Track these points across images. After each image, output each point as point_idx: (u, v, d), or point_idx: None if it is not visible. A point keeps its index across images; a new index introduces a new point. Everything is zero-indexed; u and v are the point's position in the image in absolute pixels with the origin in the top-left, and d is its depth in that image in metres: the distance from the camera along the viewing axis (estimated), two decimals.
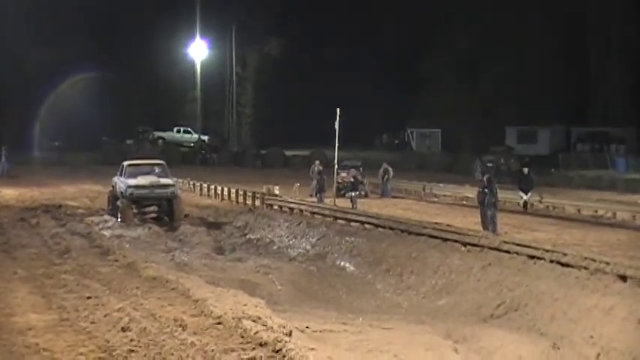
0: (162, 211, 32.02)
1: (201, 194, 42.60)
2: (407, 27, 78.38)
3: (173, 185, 32.05)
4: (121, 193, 31.18)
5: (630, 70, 69.68)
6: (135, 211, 31.50)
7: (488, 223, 25.88)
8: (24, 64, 73.02)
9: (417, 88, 78.50)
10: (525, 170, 35.28)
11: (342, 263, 24.04)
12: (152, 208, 32.17)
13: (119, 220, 30.71)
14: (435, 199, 41.07)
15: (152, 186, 31.29)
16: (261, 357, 11.15)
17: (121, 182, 31.48)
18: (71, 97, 75.75)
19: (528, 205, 34.03)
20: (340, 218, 28.62)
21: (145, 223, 30.51)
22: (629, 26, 68.83)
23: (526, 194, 34.00)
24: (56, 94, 76.66)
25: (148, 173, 32.25)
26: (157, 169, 32.84)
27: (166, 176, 32.35)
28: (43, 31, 72.43)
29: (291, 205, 32.80)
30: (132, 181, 31.08)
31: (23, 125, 72.97)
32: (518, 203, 34.44)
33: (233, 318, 12.93)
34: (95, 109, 72.56)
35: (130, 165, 32.69)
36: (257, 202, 35.60)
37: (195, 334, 12.46)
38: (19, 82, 72.99)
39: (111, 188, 33.29)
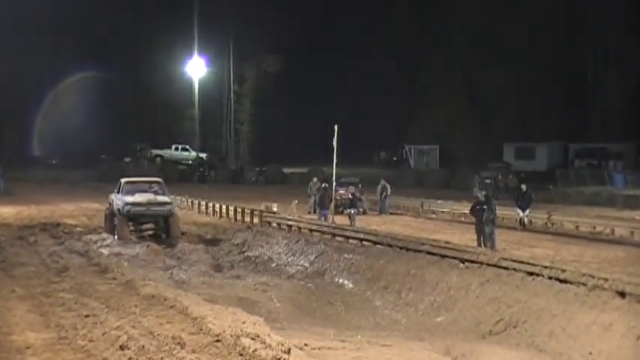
0: (159, 229, 32.03)
1: (199, 212, 42.60)
2: (404, 39, 78.79)
3: (170, 203, 32.08)
4: (119, 210, 31.21)
5: (628, 84, 69.80)
6: (132, 228, 31.52)
7: (486, 239, 25.92)
8: (20, 77, 73.20)
9: (414, 101, 78.75)
10: (523, 187, 35.30)
11: (341, 280, 24.01)
12: (149, 226, 32.18)
13: (116, 237, 30.73)
14: (433, 216, 41.07)
15: (149, 203, 31.31)
16: None
17: (118, 199, 31.53)
18: (68, 114, 75.93)
19: (526, 222, 34.04)
20: (338, 235, 28.59)
21: (143, 241, 30.50)
22: (627, 39, 68.92)
23: (523, 211, 34.02)
24: (53, 109, 76.88)
25: (145, 191, 32.34)
26: (154, 187, 32.96)
27: (164, 194, 32.42)
28: (41, 45, 72.79)
29: (290, 223, 32.79)
30: (129, 199, 31.13)
31: (20, 142, 73.11)
32: (516, 219, 34.46)
33: (232, 335, 12.91)
34: (93, 127, 72.74)
35: (127, 182, 32.81)
36: (255, 220, 35.61)
37: (193, 352, 12.44)
38: (14, 96, 73.14)
39: (108, 205, 33.30)
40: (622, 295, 16.10)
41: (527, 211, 34.08)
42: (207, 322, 14.03)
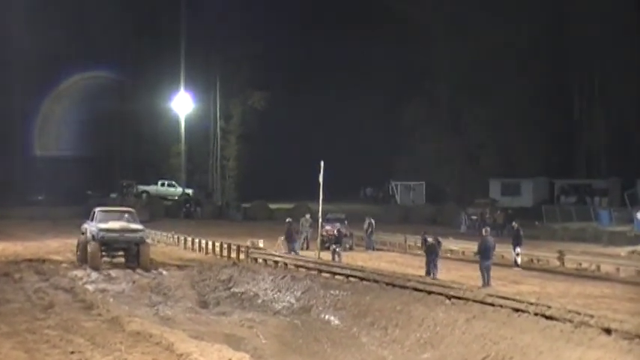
0: (131, 256, 32.68)
1: (185, 248, 42.49)
2: (390, 76, 79.19)
3: (142, 230, 33.18)
4: (92, 236, 32.09)
5: (614, 121, 70.21)
6: (104, 253, 32.26)
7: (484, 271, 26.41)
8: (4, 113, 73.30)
9: (400, 137, 78.89)
10: (515, 225, 35.17)
11: (327, 316, 23.95)
12: (121, 253, 33.12)
13: (88, 264, 31.19)
14: (419, 252, 41.06)
15: (122, 230, 32.39)
16: None
17: (92, 226, 32.45)
18: (53, 150, 75.79)
19: (519, 261, 33.71)
20: (324, 271, 28.58)
21: (125, 275, 30.71)
22: (612, 76, 69.40)
23: (515, 249, 33.78)
24: (37, 145, 76.78)
25: (118, 219, 33.23)
26: (126, 216, 34.01)
27: (135, 222, 33.33)
28: (26, 79, 72.97)
29: (276, 259, 32.77)
30: (103, 225, 32.14)
31: (4, 179, 72.83)
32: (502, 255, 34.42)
33: None
34: (78, 163, 72.58)
35: (101, 211, 33.99)
36: (241, 256, 35.58)
37: None
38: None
39: (81, 235, 33.69)
40: (608, 331, 16.14)
41: (517, 249, 33.88)
42: (193, 358, 14.00)
